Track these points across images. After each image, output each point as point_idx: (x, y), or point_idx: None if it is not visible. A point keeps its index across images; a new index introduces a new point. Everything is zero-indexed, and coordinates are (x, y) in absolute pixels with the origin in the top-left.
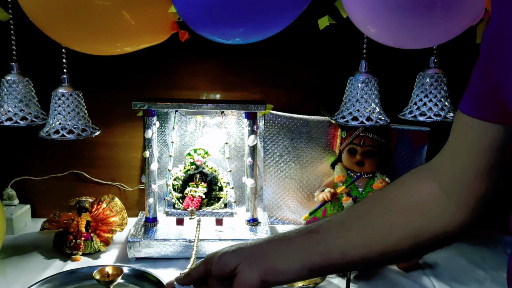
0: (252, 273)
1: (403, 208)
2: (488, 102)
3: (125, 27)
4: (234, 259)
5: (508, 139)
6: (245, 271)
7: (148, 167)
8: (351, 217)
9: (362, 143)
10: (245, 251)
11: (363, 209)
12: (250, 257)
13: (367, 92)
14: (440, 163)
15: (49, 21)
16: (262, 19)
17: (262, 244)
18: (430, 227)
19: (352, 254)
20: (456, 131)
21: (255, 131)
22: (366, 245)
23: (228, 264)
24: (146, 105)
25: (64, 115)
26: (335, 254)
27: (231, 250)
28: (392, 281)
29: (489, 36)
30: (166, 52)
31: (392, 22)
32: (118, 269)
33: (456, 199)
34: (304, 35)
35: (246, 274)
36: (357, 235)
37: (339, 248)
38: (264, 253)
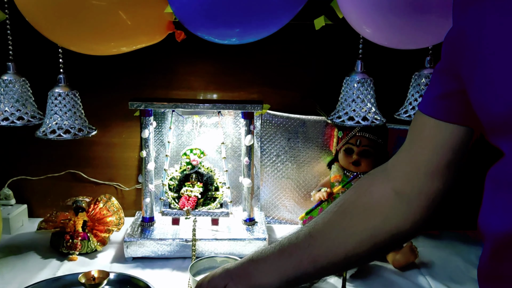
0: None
1: (359, 211)
2: (449, 103)
3: (121, 27)
4: (222, 280)
5: (467, 140)
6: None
7: (145, 167)
8: (316, 227)
9: (358, 143)
10: (230, 272)
11: (326, 216)
12: (236, 277)
13: (363, 92)
14: (395, 163)
15: (45, 21)
16: (257, 19)
17: (244, 264)
18: (385, 228)
19: (320, 261)
20: (413, 131)
21: (252, 131)
22: (332, 251)
23: (217, 286)
24: (143, 105)
25: (61, 115)
26: (306, 264)
27: (218, 273)
28: (388, 280)
29: (451, 40)
30: (163, 52)
31: (387, 23)
32: (104, 272)
33: (408, 198)
34: (300, 35)
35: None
36: (321, 243)
37: (308, 257)
38: (247, 272)
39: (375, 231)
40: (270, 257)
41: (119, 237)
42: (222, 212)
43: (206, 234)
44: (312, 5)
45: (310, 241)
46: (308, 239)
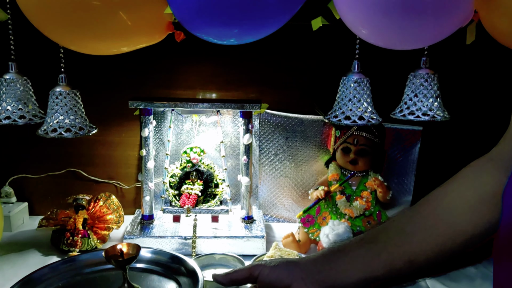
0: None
1: (471, 203)
2: None
3: (121, 28)
4: (290, 275)
5: None
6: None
7: (145, 165)
8: (412, 222)
9: (355, 142)
10: (300, 269)
11: (423, 210)
12: (307, 276)
13: (360, 92)
14: (501, 151)
15: (46, 21)
16: (255, 20)
17: (317, 261)
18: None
19: (419, 260)
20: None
21: (250, 130)
22: (435, 249)
23: (283, 280)
24: (142, 104)
25: (62, 113)
26: (400, 263)
27: (285, 265)
28: None
29: None
30: (163, 51)
31: (383, 24)
32: (134, 246)
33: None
34: (298, 35)
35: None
36: (423, 240)
37: (404, 256)
38: (321, 270)
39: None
40: (352, 253)
41: (119, 235)
42: (222, 209)
43: (206, 232)
44: (310, 6)
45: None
46: (402, 235)
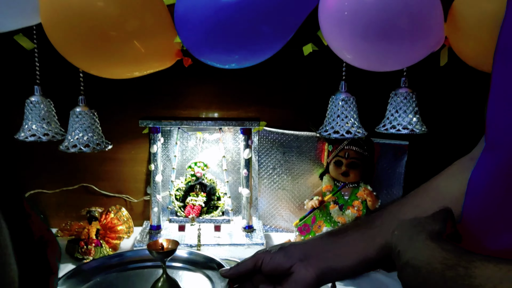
0: (308, 273)
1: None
2: None
3: (136, 55)
4: (289, 259)
5: None
6: (301, 272)
7: (153, 179)
8: (404, 210)
9: (346, 155)
10: (298, 251)
11: (414, 200)
12: (305, 257)
13: (347, 109)
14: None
15: (70, 49)
16: (253, 48)
17: (315, 243)
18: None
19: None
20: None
21: (250, 145)
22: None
23: (282, 264)
24: (151, 122)
25: (81, 131)
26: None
27: (284, 250)
28: (376, 280)
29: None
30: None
31: (364, 50)
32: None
33: None
34: (292, 59)
35: (302, 274)
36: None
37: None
38: (319, 253)
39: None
40: (349, 238)
41: (129, 244)
42: (223, 219)
43: (209, 240)
44: (301, 34)
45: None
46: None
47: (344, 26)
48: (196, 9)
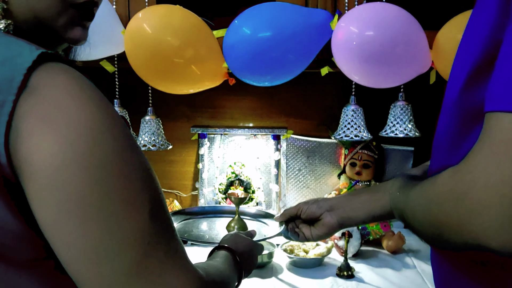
0: (332, 220)
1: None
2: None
3: (193, 76)
4: (319, 209)
5: None
6: (327, 219)
7: (201, 175)
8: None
9: (360, 158)
10: (327, 204)
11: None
12: (331, 208)
13: (356, 118)
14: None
15: (147, 71)
16: (281, 70)
17: (339, 199)
18: None
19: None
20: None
21: (279, 149)
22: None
23: (315, 212)
24: (200, 129)
25: (150, 134)
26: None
27: (317, 203)
28: (382, 260)
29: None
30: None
31: (368, 71)
32: (245, 193)
33: None
34: (312, 79)
35: (328, 220)
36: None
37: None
38: (341, 206)
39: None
40: (362, 197)
41: None
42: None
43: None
44: (319, 60)
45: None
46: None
47: (352, 53)
48: (240, 42)
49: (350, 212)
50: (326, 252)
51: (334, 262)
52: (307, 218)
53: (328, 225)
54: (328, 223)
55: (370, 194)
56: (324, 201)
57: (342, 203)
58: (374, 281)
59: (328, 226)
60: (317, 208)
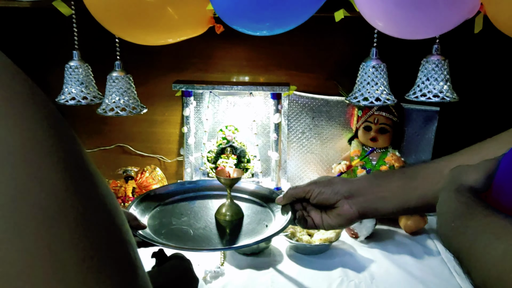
0: (351, 210)
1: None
2: None
3: (169, 22)
4: (335, 195)
5: None
6: (344, 207)
7: (186, 141)
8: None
9: (376, 121)
10: (344, 189)
11: (462, 159)
12: (350, 195)
13: (377, 76)
14: None
15: (106, 15)
16: (285, 14)
17: (361, 184)
18: None
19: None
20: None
21: (279, 110)
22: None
23: (329, 199)
24: (184, 86)
25: (118, 95)
26: (430, 199)
27: (332, 187)
28: (400, 243)
29: None
30: (201, 39)
31: (396, 17)
32: (239, 171)
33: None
34: (323, 25)
35: (345, 209)
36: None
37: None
38: (364, 193)
39: None
40: (393, 185)
41: None
42: (253, 181)
43: None
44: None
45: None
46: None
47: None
48: None
49: (376, 201)
50: (334, 237)
51: (343, 247)
52: (319, 203)
53: (345, 215)
54: (346, 213)
55: (403, 180)
56: (341, 184)
57: (365, 189)
58: (391, 274)
59: (345, 216)
60: (332, 193)
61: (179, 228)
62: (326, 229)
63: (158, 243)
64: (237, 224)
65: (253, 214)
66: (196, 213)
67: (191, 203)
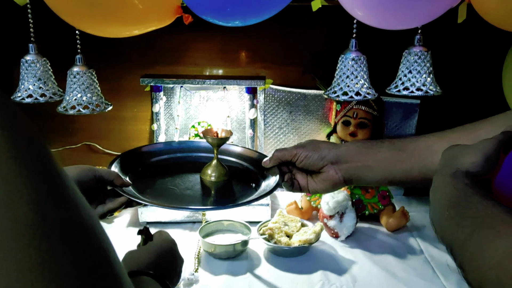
0: (337, 175)
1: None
2: None
3: (133, 11)
4: (321, 161)
5: None
6: (330, 173)
7: (156, 139)
8: (439, 142)
9: (355, 115)
10: (331, 155)
11: (453, 136)
12: (336, 161)
13: (357, 69)
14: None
15: (63, 5)
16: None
17: (348, 150)
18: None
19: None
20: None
21: (255, 105)
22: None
23: (315, 164)
24: (153, 81)
25: (79, 92)
26: (416, 173)
27: (319, 152)
28: (381, 241)
29: None
30: (171, 30)
31: (377, 5)
32: (227, 131)
33: None
34: (300, 15)
35: (331, 175)
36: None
37: (422, 169)
38: (350, 160)
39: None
40: (381, 155)
41: None
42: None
43: None
44: None
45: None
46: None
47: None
48: None
49: (362, 169)
50: (314, 238)
51: (323, 248)
52: (305, 168)
53: (331, 180)
54: (332, 178)
55: (391, 152)
56: (328, 149)
57: (352, 156)
58: (374, 275)
59: (331, 181)
60: (318, 158)
61: (162, 187)
62: (311, 192)
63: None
64: (224, 185)
65: (240, 175)
66: (181, 174)
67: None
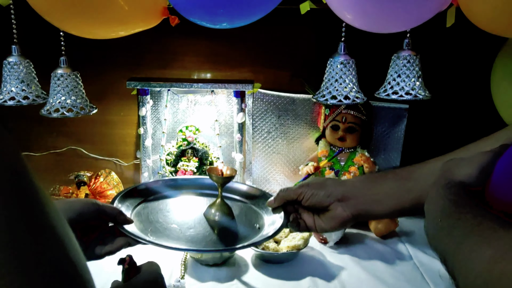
0: (345, 213)
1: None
2: None
3: (119, 12)
4: (327, 198)
5: None
6: (337, 210)
7: (143, 143)
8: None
9: (344, 119)
10: (337, 192)
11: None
12: (343, 198)
13: (345, 73)
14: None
15: (47, 6)
16: (246, 6)
17: (354, 186)
18: None
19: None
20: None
21: (243, 108)
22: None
23: (322, 202)
24: (139, 84)
25: (63, 94)
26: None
27: (324, 189)
28: (370, 247)
29: None
30: (159, 33)
31: (366, 8)
32: (232, 169)
33: None
34: (288, 18)
35: (339, 213)
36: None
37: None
38: (357, 196)
39: None
40: (387, 187)
41: None
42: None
43: None
44: None
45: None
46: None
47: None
48: None
49: (370, 204)
50: (302, 244)
51: (312, 254)
52: (311, 206)
53: (339, 218)
54: (340, 217)
55: (397, 182)
56: (334, 187)
57: (358, 191)
58: (362, 281)
59: (339, 220)
60: (324, 196)
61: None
62: (319, 232)
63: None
64: (228, 225)
65: (244, 215)
66: (183, 212)
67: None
